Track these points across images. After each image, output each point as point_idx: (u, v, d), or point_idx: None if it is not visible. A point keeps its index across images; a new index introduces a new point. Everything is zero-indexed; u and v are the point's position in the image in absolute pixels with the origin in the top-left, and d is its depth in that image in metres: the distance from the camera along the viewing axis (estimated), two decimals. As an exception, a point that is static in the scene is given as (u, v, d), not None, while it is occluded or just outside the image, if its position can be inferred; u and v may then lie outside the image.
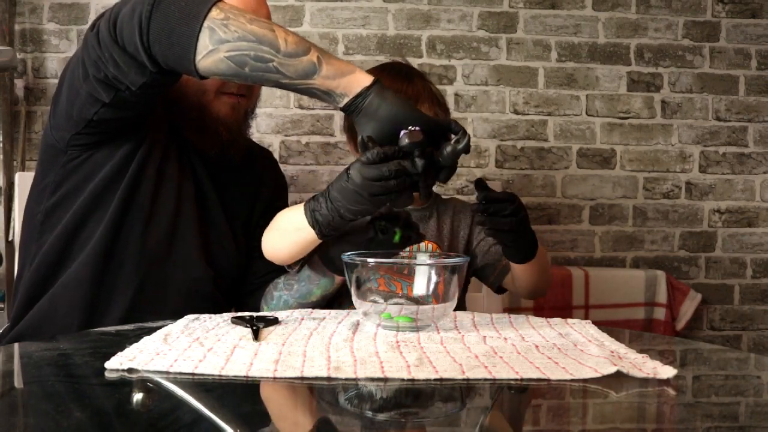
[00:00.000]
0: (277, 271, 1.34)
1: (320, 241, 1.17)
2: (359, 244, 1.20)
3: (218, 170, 1.42)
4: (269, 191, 1.51)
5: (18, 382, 0.86)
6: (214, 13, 1.04)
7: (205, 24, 1.03)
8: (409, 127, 1.02)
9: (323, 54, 1.05)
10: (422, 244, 1.42)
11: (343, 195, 1.07)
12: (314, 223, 1.13)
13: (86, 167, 1.26)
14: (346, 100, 1.04)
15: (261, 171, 1.52)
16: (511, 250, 1.28)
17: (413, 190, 1.07)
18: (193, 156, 1.39)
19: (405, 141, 1.02)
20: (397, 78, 1.41)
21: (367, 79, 1.04)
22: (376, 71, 1.46)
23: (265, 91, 2.32)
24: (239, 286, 1.43)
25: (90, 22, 2.23)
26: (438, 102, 1.44)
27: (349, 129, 1.44)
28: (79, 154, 1.25)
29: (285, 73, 1.04)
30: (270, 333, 1.03)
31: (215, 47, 1.03)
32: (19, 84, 2.24)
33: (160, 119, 1.33)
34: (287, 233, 1.21)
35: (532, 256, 1.29)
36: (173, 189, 1.32)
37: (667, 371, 0.83)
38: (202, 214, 1.37)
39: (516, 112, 2.39)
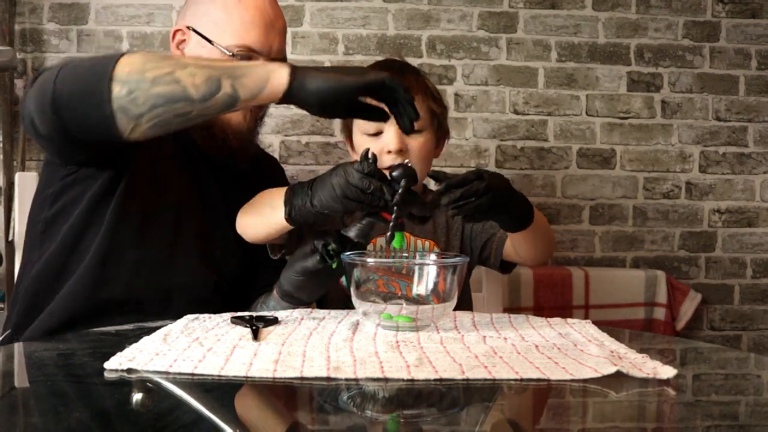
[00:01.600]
0: (270, 286, 1.34)
1: (286, 228, 1.18)
2: (299, 272, 1.20)
3: (224, 175, 1.43)
4: None
5: (18, 382, 0.86)
6: (116, 90, 1.01)
7: (114, 107, 1.02)
8: (406, 161, 1.10)
9: (235, 76, 1.05)
10: (419, 243, 1.42)
11: (321, 185, 1.10)
12: (287, 201, 1.15)
13: (84, 180, 1.26)
14: (278, 98, 1.06)
15: (268, 178, 1.51)
16: (505, 221, 1.22)
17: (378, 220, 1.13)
18: (197, 159, 1.39)
19: (397, 171, 1.07)
20: (387, 69, 1.39)
21: (284, 73, 1.05)
22: (370, 64, 1.45)
23: (265, 91, 2.32)
24: (243, 294, 1.43)
25: (89, 23, 2.25)
26: (432, 96, 1.42)
27: (346, 128, 1.44)
28: (78, 169, 1.26)
29: (209, 113, 1.05)
30: (269, 333, 1.03)
31: (135, 122, 1.03)
32: (19, 84, 2.24)
33: None
34: (262, 210, 1.22)
35: (530, 221, 1.22)
36: (173, 194, 1.32)
37: (667, 371, 0.83)
38: (205, 218, 1.37)
39: (516, 112, 2.39)
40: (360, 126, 1.38)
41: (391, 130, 1.33)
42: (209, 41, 1.34)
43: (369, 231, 1.15)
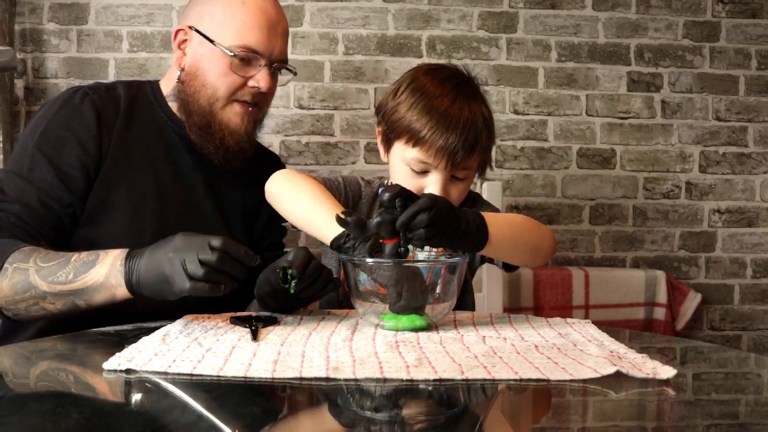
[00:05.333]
0: None
1: (323, 240, 1.17)
2: (261, 282, 1.20)
3: (218, 177, 1.42)
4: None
5: (16, 383, 0.86)
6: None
7: None
8: (388, 182, 1.12)
9: (85, 296, 1.13)
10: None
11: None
12: (341, 239, 1.12)
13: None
14: (122, 273, 1.11)
15: (265, 178, 1.47)
16: (457, 246, 1.14)
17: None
18: (188, 165, 1.39)
19: (385, 196, 1.04)
20: (455, 106, 1.27)
21: (122, 291, 1.11)
22: (435, 85, 1.31)
23: (265, 91, 2.31)
24: (244, 294, 1.41)
25: (89, 23, 2.24)
26: (490, 145, 1.32)
27: (386, 142, 1.36)
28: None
29: (57, 305, 1.15)
30: (269, 333, 1.03)
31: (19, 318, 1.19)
32: (19, 84, 2.24)
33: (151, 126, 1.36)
34: (315, 210, 1.19)
35: (480, 245, 1.13)
36: (158, 197, 1.33)
37: (667, 371, 0.83)
38: (194, 220, 1.37)
39: (516, 112, 2.39)
40: (406, 158, 1.29)
41: (438, 177, 1.28)
42: (211, 41, 1.34)
43: (397, 257, 1.07)
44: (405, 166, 1.31)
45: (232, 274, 1.03)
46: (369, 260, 1.06)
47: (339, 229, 1.12)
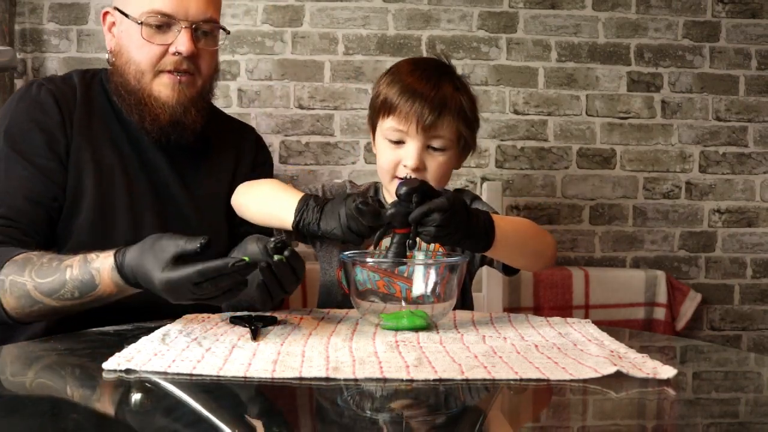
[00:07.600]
0: None
1: (287, 226, 1.19)
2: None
3: (179, 156, 1.37)
4: (246, 173, 1.45)
5: (15, 383, 0.86)
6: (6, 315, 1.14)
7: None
8: (406, 175, 1.15)
9: (74, 279, 1.11)
10: (425, 245, 1.41)
11: (331, 212, 1.12)
12: (298, 213, 1.16)
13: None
14: (114, 269, 1.09)
15: (237, 152, 1.45)
16: (463, 246, 1.16)
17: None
18: (150, 149, 1.35)
19: (402, 189, 1.05)
20: (423, 77, 1.32)
21: (107, 255, 1.10)
22: (409, 64, 1.37)
23: (265, 92, 2.31)
24: None
25: (89, 23, 2.24)
26: (464, 117, 1.34)
27: (371, 123, 1.40)
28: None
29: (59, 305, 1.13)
30: (269, 333, 1.03)
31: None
32: (19, 84, 2.24)
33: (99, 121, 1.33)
34: (270, 204, 1.23)
35: (487, 246, 1.14)
36: (126, 186, 1.30)
37: (667, 371, 0.82)
38: (165, 211, 1.34)
39: (516, 112, 2.39)
40: (383, 130, 1.33)
41: (412, 145, 1.29)
42: (126, 15, 1.27)
43: (404, 247, 1.09)
44: (385, 141, 1.33)
45: (228, 288, 1.01)
46: (369, 260, 1.06)
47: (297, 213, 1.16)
